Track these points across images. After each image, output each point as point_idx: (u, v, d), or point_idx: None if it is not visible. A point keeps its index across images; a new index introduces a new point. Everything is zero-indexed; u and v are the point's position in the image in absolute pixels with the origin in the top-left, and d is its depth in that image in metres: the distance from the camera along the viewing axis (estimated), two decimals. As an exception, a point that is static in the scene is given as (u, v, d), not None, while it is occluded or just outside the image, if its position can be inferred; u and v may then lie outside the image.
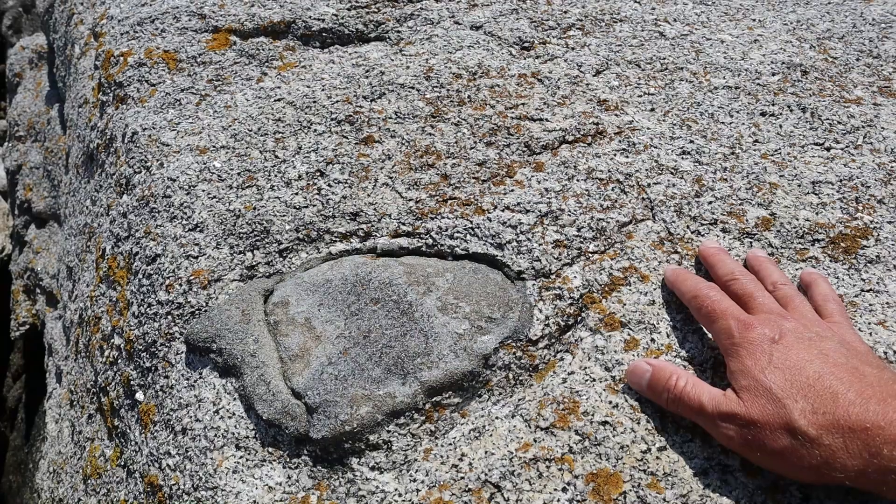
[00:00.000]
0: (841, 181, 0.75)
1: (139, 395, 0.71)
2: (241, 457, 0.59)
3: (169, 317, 0.70)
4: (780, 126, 0.83)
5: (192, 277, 0.70)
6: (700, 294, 0.59)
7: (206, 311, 0.68)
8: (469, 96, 0.85)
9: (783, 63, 0.94)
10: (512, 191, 0.74)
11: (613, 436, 0.55)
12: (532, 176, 0.75)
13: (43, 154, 1.83)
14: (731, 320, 0.55)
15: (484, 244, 0.69)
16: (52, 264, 1.68)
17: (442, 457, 0.56)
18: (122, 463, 0.74)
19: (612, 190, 0.74)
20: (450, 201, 0.73)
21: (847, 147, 0.80)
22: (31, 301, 1.79)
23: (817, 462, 0.45)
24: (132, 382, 0.73)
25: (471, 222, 0.71)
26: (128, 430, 0.73)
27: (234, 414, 0.61)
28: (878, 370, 0.49)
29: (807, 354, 0.50)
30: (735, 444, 0.50)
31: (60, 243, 1.37)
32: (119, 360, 0.77)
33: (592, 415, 0.56)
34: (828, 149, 0.80)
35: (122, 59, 0.97)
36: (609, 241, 0.69)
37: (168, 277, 0.72)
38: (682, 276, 0.63)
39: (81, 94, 1.19)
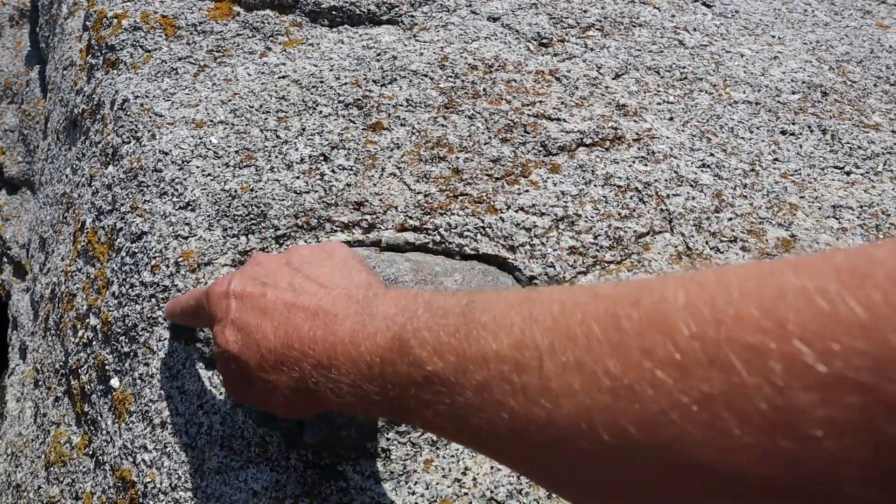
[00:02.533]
0: (861, 207, 0.73)
1: (114, 382, 0.66)
2: (225, 457, 0.54)
3: (153, 300, 0.65)
4: (801, 146, 0.81)
5: (180, 259, 0.65)
6: (176, 307, 0.56)
7: (194, 295, 0.63)
8: (484, 89, 0.81)
9: (803, 82, 0.92)
10: (526, 191, 0.70)
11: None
12: (548, 177, 0.72)
13: (19, 117, 1.75)
14: (198, 296, 0.52)
15: (495, 245, 0.66)
16: (22, 233, 1.60)
17: (444, 469, 0.53)
18: (91, 452, 0.69)
19: (631, 198, 0.71)
20: (461, 197, 0.69)
21: (867, 173, 0.78)
22: (-4, 270, 1.71)
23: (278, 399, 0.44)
24: (107, 367, 0.68)
25: (482, 221, 0.67)
26: (99, 418, 0.68)
27: (219, 410, 0.57)
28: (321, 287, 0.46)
29: (256, 290, 0.47)
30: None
31: (33, 211, 1.30)
32: (94, 342, 0.72)
33: (606, 435, 0.53)
34: (847, 173, 0.78)
35: (115, 21, 0.91)
36: (626, 251, 0.66)
37: (154, 257, 0.67)
38: (175, 302, 0.58)
39: (67, 56, 1.12)
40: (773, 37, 1.02)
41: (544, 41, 0.91)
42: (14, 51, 1.97)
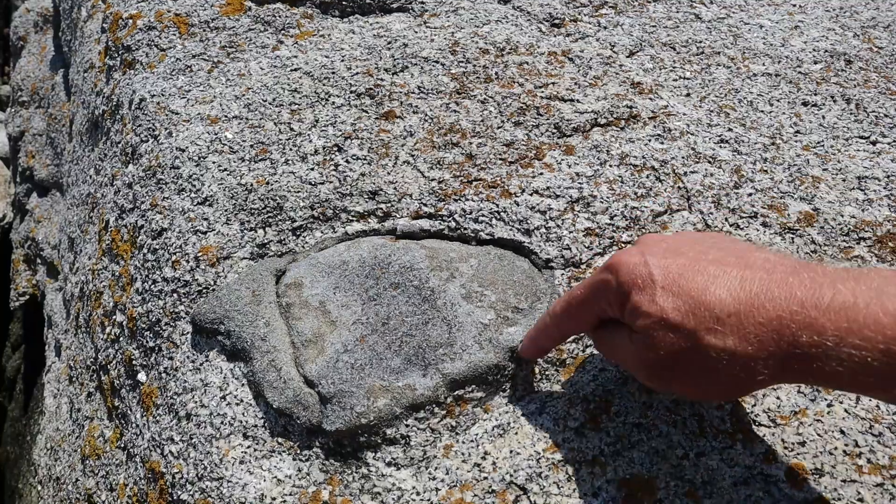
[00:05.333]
0: (888, 177, 0.71)
1: (141, 376, 0.68)
2: (248, 447, 0.55)
3: (175, 295, 0.66)
4: (823, 117, 0.79)
5: (199, 254, 0.67)
6: (557, 308, 0.51)
7: (214, 290, 0.64)
8: (496, 73, 0.80)
9: (826, 51, 0.89)
10: (541, 174, 0.69)
11: (648, 439, 0.51)
12: (562, 159, 0.71)
13: (46, 121, 1.79)
14: (595, 276, 0.47)
15: (510, 229, 0.65)
16: (53, 234, 1.64)
17: (463, 454, 0.53)
18: (122, 445, 0.71)
19: (647, 177, 0.70)
20: (475, 183, 0.69)
21: (894, 142, 0.76)
22: (31, 271, 1.76)
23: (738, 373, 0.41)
24: (134, 362, 0.70)
25: (497, 206, 0.67)
26: (129, 412, 0.70)
27: (241, 401, 0.58)
28: (755, 250, 0.44)
29: (682, 260, 0.43)
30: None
31: (62, 213, 1.33)
32: (121, 338, 0.74)
33: (626, 416, 0.53)
34: (874, 143, 0.76)
35: (130, 21, 0.92)
36: (643, 230, 0.65)
37: (175, 253, 0.68)
38: (535, 328, 0.55)
39: (87, 59, 1.14)
40: (794, 5, 0.99)
41: (556, 21, 0.89)
42: (39, 56, 2.01)
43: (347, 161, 0.72)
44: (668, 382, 0.45)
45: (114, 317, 0.76)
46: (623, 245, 0.64)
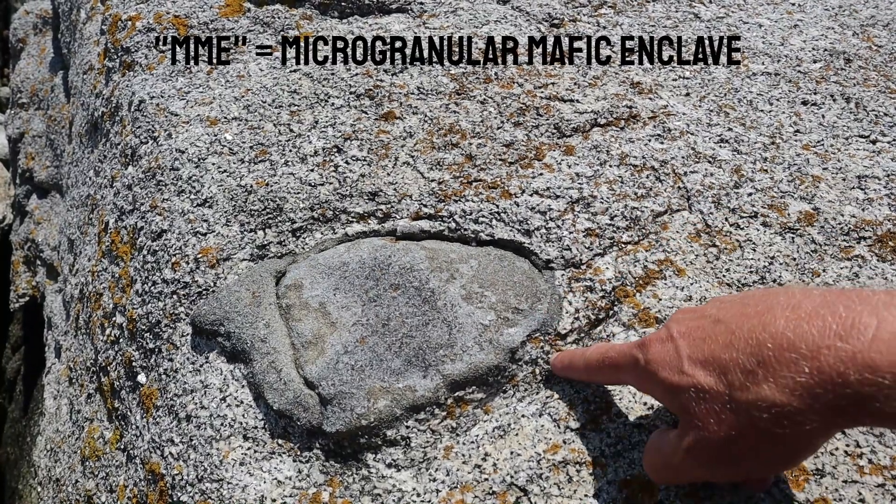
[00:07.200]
0: (888, 176, 0.71)
1: (141, 378, 0.68)
2: (248, 448, 0.55)
3: (174, 296, 0.66)
4: (823, 116, 0.79)
5: (199, 255, 0.66)
6: (592, 359, 0.50)
7: (213, 291, 0.64)
8: (496, 73, 0.80)
9: (825, 50, 0.89)
10: (541, 174, 0.69)
11: (648, 440, 0.51)
12: (562, 160, 0.71)
13: (46, 122, 1.79)
14: (629, 348, 0.46)
15: (511, 230, 0.65)
16: (53, 236, 1.64)
17: (464, 455, 0.53)
18: (122, 447, 0.71)
19: (647, 177, 0.69)
20: (475, 183, 0.69)
21: (894, 141, 0.76)
22: (31, 272, 1.75)
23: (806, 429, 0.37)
24: (134, 364, 0.70)
25: (497, 206, 0.67)
26: (128, 413, 0.70)
27: (241, 402, 0.57)
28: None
29: (704, 322, 0.41)
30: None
31: (62, 214, 1.33)
32: (121, 340, 0.74)
33: (626, 417, 0.53)
34: (873, 142, 0.76)
35: (129, 23, 0.92)
36: (643, 231, 0.65)
37: (174, 255, 0.68)
38: (571, 355, 0.54)
39: (86, 61, 1.14)
40: (794, 4, 0.99)
41: (555, 22, 0.89)
42: (38, 58, 2.01)
43: (347, 162, 0.72)
44: (718, 462, 0.41)
45: (114, 318, 0.76)
46: (623, 245, 0.64)
